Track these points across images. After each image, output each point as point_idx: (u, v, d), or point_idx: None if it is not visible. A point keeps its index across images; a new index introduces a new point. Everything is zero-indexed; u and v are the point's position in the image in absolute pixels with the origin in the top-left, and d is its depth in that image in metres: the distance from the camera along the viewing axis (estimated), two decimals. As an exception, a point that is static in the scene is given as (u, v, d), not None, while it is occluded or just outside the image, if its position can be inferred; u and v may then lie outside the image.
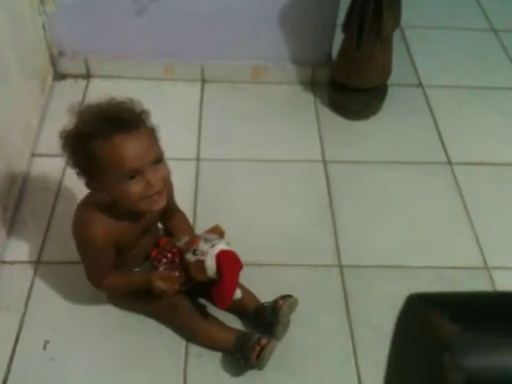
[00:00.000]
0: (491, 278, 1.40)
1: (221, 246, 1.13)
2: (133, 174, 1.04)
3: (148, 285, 1.15)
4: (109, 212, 1.11)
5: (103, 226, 1.11)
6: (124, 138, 1.02)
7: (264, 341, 1.16)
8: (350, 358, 1.24)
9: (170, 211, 1.28)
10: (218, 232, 1.18)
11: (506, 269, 1.43)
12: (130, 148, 1.03)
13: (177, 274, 1.15)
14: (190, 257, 1.13)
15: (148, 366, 1.20)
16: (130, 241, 1.18)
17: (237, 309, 1.26)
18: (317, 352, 1.25)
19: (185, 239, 1.19)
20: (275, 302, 1.22)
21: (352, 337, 1.28)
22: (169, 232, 1.32)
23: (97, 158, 1.03)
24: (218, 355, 1.22)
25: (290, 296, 1.23)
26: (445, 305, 0.44)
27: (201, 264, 1.12)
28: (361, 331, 1.29)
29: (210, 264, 1.11)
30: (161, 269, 1.17)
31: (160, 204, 1.09)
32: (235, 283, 1.14)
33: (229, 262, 1.12)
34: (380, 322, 1.30)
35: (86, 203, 1.16)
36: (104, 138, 1.01)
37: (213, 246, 1.13)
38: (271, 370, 1.20)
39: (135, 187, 1.05)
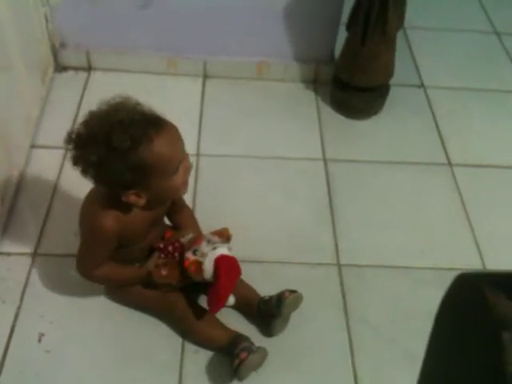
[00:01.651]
0: (490, 280, 1.40)
1: (222, 250, 1.13)
2: (177, 167, 1.06)
3: (148, 275, 1.16)
4: (121, 206, 1.09)
5: (117, 220, 1.10)
6: (163, 136, 1.02)
7: (243, 354, 1.13)
8: (347, 357, 1.24)
9: (179, 205, 1.28)
10: (224, 235, 1.18)
11: (505, 271, 1.42)
12: (172, 143, 1.04)
13: (166, 272, 1.15)
14: (189, 256, 1.13)
15: (144, 360, 1.20)
16: (138, 234, 1.17)
17: (239, 304, 1.24)
18: (314, 350, 1.24)
19: (189, 236, 1.19)
20: (282, 293, 1.21)
21: (349, 335, 1.27)
22: (176, 227, 1.31)
23: (144, 164, 1.01)
24: (214, 351, 1.21)
25: (295, 291, 1.23)
26: (499, 283, 0.43)
27: (198, 265, 1.12)
28: (358, 330, 1.28)
29: (208, 267, 1.11)
30: (159, 261, 1.17)
31: (187, 188, 1.13)
32: (230, 290, 1.13)
33: (226, 268, 1.11)
34: (378, 322, 1.30)
35: (98, 197, 1.13)
36: (146, 143, 1.00)
37: (214, 248, 1.12)
38: (268, 366, 1.19)
39: (179, 178, 1.07)
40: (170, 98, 1.78)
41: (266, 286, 1.28)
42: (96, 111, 1.04)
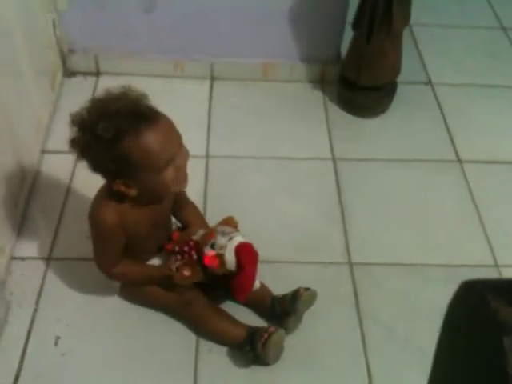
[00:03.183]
0: (501, 275, 1.40)
1: (238, 238, 1.14)
2: (168, 163, 1.04)
3: (168, 279, 1.17)
4: (121, 200, 1.11)
5: (114, 212, 1.11)
6: (152, 130, 1.02)
7: (272, 328, 1.16)
8: (360, 355, 1.24)
9: (182, 202, 1.28)
10: (232, 224, 1.19)
11: (516, 267, 1.43)
12: (161, 139, 1.03)
13: (189, 272, 1.15)
14: (208, 251, 1.14)
15: (159, 361, 1.21)
16: (141, 230, 1.18)
17: (253, 302, 1.26)
18: (327, 348, 1.25)
19: (200, 232, 1.20)
20: (296, 290, 1.22)
21: (362, 333, 1.28)
22: (182, 224, 1.32)
23: (128, 157, 1.01)
24: (228, 351, 1.23)
25: (310, 288, 1.24)
26: (501, 289, 0.44)
27: (220, 258, 1.12)
28: (370, 328, 1.29)
29: (229, 257, 1.12)
30: (177, 263, 1.18)
31: (187, 183, 1.12)
32: (255, 274, 1.15)
33: (248, 255, 1.13)
34: (389, 319, 1.31)
35: (102, 192, 1.16)
36: (133, 136, 1.00)
37: (231, 239, 1.14)
38: (281, 365, 1.21)
39: (169, 175, 1.06)
40: (178, 100, 1.79)
41: (277, 286, 1.28)
42: (98, 98, 1.06)
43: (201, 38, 1.81)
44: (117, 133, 1.00)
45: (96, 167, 1.08)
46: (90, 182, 1.46)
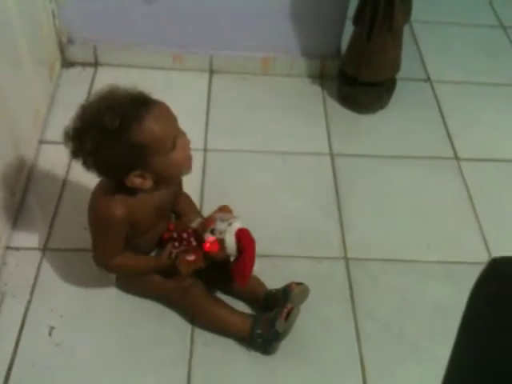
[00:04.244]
0: (497, 273, 1.40)
1: (238, 224, 1.16)
2: (174, 143, 1.06)
3: (169, 266, 1.17)
4: (127, 192, 1.11)
5: (124, 206, 1.11)
6: (153, 113, 1.03)
7: (289, 306, 1.18)
8: (354, 349, 1.25)
9: (179, 192, 1.28)
10: (226, 210, 1.22)
11: (512, 265, 1.43)
12: (163, 120, 1.05)
13: (193, 257, 1.16)
14: (208, 236, 1.15)
15: (153, 353, 1.21)
16: (147, 222, 1.18)
17: (247, 296, 1.27)
18: (321, 343, 1.25)
19: (197, 220, 1.21)
20: (288, 285, 1.24)
21: (357, 328, 1.28)
22: (176, 213, 1.32)
23: (138, 143, 1.02)
24: (223, 343, 1.23)
25: (302, 283, 1.24)
26: None
27: (221, 242, 1.14)
28: (365, 323, 1.29)
29: (230, 241, 1.14)
30: (175, 250, 1.18)
31: (192, 165, 1.13)
32: (254, 259, 1.17)
33: (248, 239, 1.15)
34: (384, 314, 1.31)
35: (104, 187, 1.14)
36: (138, 121, 1.01)
37: (230, 224, 1.15)
38: (276, 358, 1.21)
39: (179, 153, 1.07)
40: (176, 93, 1.78)
41: (273, 280, 1.28)
42: (86, 103, 1.05)
43: (201, 30, 1.81)
44: (122, 121, 1.00)
45: (107, 166, 1.07)
46: (86, 174, 1.46)
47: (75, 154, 1.06)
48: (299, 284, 1.24)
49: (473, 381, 0.50)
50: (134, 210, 1.13)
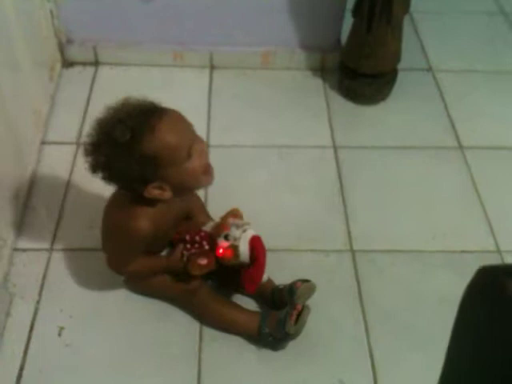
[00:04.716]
0: (503, 261, 1.40)
1: (252, 231, 1.16)
2: (190, 151, 1.04)
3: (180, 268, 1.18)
4: (148, 204, 1.10)
5: (148, 219, 1.11)
6: (165, 122, 1.02)
7: (299, 306, 1.17)
8: (363, 344, 1.25)
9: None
10: (238, 215, 1.21)
11: (518, 252, 1.43)
12: (176, 128, 1.03)
13: (205, 261, 1.16)
14: (222, 242, 1.15)
15: (162, 351, 1.21)
16: (166, 230, 1.19)
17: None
18: (329, 337, 1.25)
19: (210, 224, 1.21)
20: (293, 283, 1.23)
21: (365, 321, 1.28)
22: (186, 214, 1.31)
23: (152, 155, 1.00)
24: (232, 339, 1.23)
25: (308, 280, 1.24)
26: None
27: (234, 249, 1.14)
28: (373, 316, 1.29)
29: (244, 249, 1.14)
30: (187, 253, 1.19)
31: (213, 175, 1.12)
32: (265, 267, 1.17)
33: (261, 248, 1.15)
34: (392, 306, 1.31)
35: (124, 197, 1.13)
36: (149, 132, 1.00)
37: (244, 231, 1.15)
38: (285, 354, 1.21)
39: (195, 162, 1.06)
40: (177, 90, 1.79)
41: (279, 275, 1.28)
42: (99, 117, 1.05)
43: (200, 27, 1.80)
44: (133, 133, 0.99)
45: (123, 180, 1.06)
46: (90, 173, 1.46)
47: (93, 168, 1.06)
48: (305, 281, 1.23)
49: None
50: (156, 222, 1.12)
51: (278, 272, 1.30)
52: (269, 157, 1.63)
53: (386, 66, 1.76)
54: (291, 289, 1.22)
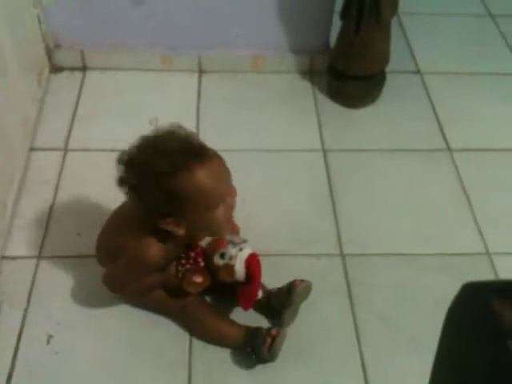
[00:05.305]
0: (493, 263, 1.41)
1: (248, 250, 1.15)
2: (220, 202, 1.03)
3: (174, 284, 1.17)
4: (162, 233, 1.09)
5: (160, 249, 1.10)
6: (205, 168, 1.01)
7: (274, 331, 1.16)
8: (354, 345, 1.24)
9: None
10: (235, 230, 1.20)
11: (508, 254, 1.43)
12: (213, 176, 1.02)
13: (201, 279, 1.16)
14: (217, 260, 1.15)
15: (152, 358, 1.20)
16: (172, 259, 1.18)
17: None
18: (320, 340, 1.25)
19: (206, 240, 1.19)
20: (292, 282, 1.24)
21: (355, 324, 1.28)
22: None
23: (181, 193, 1.00)
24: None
25: (305, 280, 1.25)
26: (504, 291, 0.44)
27: (230, 268, 1.14)
28: (364, 318, 1.29)
29: (239, 268, 1.14)
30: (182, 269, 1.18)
31: (229, 228, 1.12)
32: (260, 285, 1.18)
33: (257, 267, 1.15)
34: (383, 309, 1.31)
35: (137, 221, 1.11)
36: (186, 172, 0.99)
37: (241, 249, 1.15)
38: (276, 360, 1.20)
39: (220, 214, 1.05)
40: (166, 94, 1.78)
41: (271, 279, 1.28)
42: (147, 136, 1.04)
43: (188, 31, 1.80)
44: (171, 168, 0.99)
45: (146, 206, 1.06)
46: (79, 179, 1.45)
47: (121, 183, 1.05)
48: (302, 281, 1.24)
49: None
50: (167, 252, 1.12)
51: (268, 276, 1.29)
52: (258, 160, 1.63)
53: (375, 67, 1.77)
54: (290, 288, 1.23)
